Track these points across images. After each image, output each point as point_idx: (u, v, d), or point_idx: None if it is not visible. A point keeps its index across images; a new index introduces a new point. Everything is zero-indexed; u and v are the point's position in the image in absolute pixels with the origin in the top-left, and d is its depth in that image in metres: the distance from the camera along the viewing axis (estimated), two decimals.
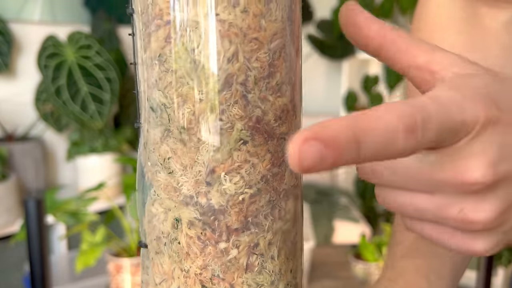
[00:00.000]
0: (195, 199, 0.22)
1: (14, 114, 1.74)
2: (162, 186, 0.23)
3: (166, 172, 0.22)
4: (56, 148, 1.88)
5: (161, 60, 0.22)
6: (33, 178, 1.68)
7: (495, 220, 0.22)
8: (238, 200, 0.22)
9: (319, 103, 2.55)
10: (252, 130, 0.22)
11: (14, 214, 1.54)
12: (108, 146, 1.76)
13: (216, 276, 0.22)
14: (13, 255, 1.59)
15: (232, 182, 0.22)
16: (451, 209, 0.22)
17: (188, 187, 0.22)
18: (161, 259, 0.23)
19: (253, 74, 0.21)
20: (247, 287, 0.22)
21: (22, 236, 0.94)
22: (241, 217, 0.22)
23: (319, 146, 0.17)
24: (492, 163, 0.21)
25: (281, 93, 0.22)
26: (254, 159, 0.22)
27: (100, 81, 1.69)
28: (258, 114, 0.22)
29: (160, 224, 0.23)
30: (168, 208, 0.22)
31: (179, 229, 0.22)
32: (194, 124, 0.21)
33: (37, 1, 1.78)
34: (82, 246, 1.06)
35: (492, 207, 0.21)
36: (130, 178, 1.19)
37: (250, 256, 0.22)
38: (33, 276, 0.73)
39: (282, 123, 0.23)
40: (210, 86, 0.21)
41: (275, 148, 0.22)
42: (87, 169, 1.76)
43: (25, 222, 0.71)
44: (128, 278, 1.10)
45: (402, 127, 0.18)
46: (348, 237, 1.73)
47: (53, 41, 1.64)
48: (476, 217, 0.22)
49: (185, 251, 0.22)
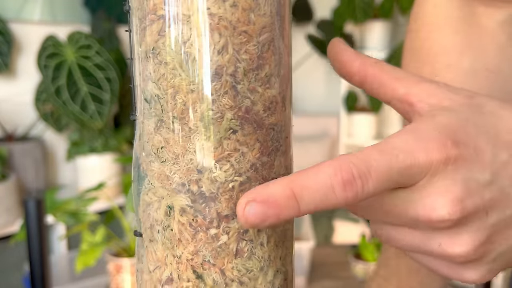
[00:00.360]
0: (187, 186, 0.23)
1: (14, 114, 1.74)
2: (156, 175, 0.23)
3: (159, 161, 0.23)
4: (56, 148, 1.88)
5: (154, 53, 0.22)
6: (33, 178, 1.68)
7: (475, 252, 0.22)
8: (228, 187, 0.22)
9: (319, 103, 2.55)
10: (242, 120, 0.22)
11: (14, 214, 1.54)
12: (108, 146, 1.76)
13: (207, 262, 0.23)
14: (13, 255, 1.59)
15: (222, 170, 0.22)
16: (431, 244, 0.23)
17: (180, 175, 0.23)
18: (154, 247, 0.24)
19: (242, 65, 0.22)
20: (237, 272, 0.23)
21: (22, 236, 0.94)
22: (231, 204, 0.23)
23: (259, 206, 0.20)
24: (458, 200, 0.21)
25: (270, 84, 0.23)
26: (243, 148, 0.23)
27: (100, 81, 1.69)
28: (247, 104, 0.22)
29: (154, 212, 0.24)
30: (162, 196, 0.23)
31: (172, 216, 0.23)
32: (186, 114, 0.22)
33: (37, 1, 1.78)
34: (82, 246, 1.06)
35: (468, 241, 0.22)
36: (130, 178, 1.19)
37: (240, 242, 0.23)
38: (33, 276, 0.73)
39: (271, 114, 0.23)
40: (201, 77, 0.22)
41: (264, 138, 0.23)
42: (87, 169, 1.76)
43: (25, 222, 0.71)
44: (128, 278, 1.10)
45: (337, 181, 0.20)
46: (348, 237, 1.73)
47: (53, 41, 1.65)
48: (454, 251, 0.22)
49: (177, 238, 0.23)
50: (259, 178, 0.23)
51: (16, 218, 1.54)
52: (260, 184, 0.23)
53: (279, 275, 0.25)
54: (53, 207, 1.06)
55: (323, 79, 2.58)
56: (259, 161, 0.23)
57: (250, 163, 0.23)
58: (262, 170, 0.23)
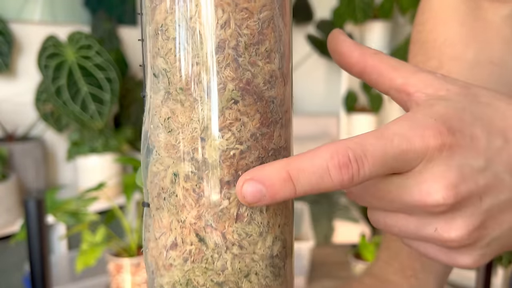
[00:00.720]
0: (191, 154, 0.24)
1: (14, 114, 1.74)
2: (163, 145, 0.25)
3: (166, 132, 0.24)
4: (56, 148, 1.89)
5: (163, 30, 0.24)
6: (33, 178, 1.68)
7: (469, 236, 0.23)
8: (230, 155, 0.24)
9: (319, 103, 2.55)
10: (243, 91, 0.24)
11: (14, 214, 1.54)
12: (108, 146, 1.76)
13: (209, 225, 0.24)
14: (13, 255, 1.59)
15: (224, 138, 0.24)
16: (427, 229, 0.24)
17: (185, 144, 0.24)
18: (160, 214, 0.25)
19: (244, 40, 0.23)
20: (237, 236, 0.24)
21: (22, 236, 0.94)
22: (232, 171, 0.24)
23: (256, 185, 0.21)
24: (452, 185, 0.22)
25: (270, 59, 0.25)
26: (244, 118, 0.24)
27: (100, 81, 1.69)
28: (248, 76, 0.24)
29: (161, 181, 0.25)
30: (168, 165, 0.25)
31: (177, 183, 0.24)
32: (191, 85, 0.24)
33: (38, 1, 1.78)
34: (82, 246, 1.06)
35: (463, 225, 0.23)
36: (130, 178, 1.19)
37: (240, 207, 0.24)
38: (33, 276, 0.73)
39: (270, 87, 0.25)
40: (205, 50, 0.23)
41: (264, 109, 0.24)
42: (87, 169, 1.76)
43: (25, 222, 0.72)
44: (128, 278, 1.10)
45: (333, 164, 0.21)
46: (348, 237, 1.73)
47: (53, 41, 1.65)
48: (449, 235, 0.23)
49: (181, 203, 0.24)
50: (259, 148, 0.24)
51: (16, 218, 1.54)
52: (259, 153, 0.25)
53: (278, 242, 0.26)
54: (54, 207, 1.06)
55: (323, 79, 2.58)
56: (259, 131, 0.24)
57: (250, 132, 0.24)
58: (262, 140, 0.25)
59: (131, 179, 1.18)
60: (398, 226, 0.24)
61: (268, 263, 0.25)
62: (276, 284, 0.26)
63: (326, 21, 2.33)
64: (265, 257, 0.25)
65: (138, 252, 1.15)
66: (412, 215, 0.24)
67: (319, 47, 2.29)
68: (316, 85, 2.57)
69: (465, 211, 0.23)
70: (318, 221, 1.85)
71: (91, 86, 1.68)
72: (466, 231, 0.23)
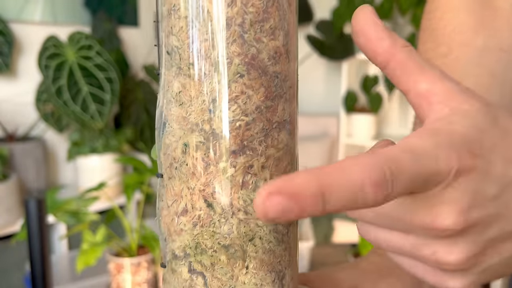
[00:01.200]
0: (200, 126, 0.26)
1: (15, 114, 1.74)
2: (175, 118, 0.27)
3: (178, 105, 0.26)
4: (57, 148, 1.89)
5: (175, 10, 0.26)
6: (34, 178, 1.68)
7: (467, 262, 0.23)
8: (236, 126, 0.25)
9: (319, 104, 2.55)
10: (248, 66, 0.25)
11: (15, 214, 1.54)
12: (109, 146, 1.76)
13: (216, 192, 0.26)
14: (14, 254, 1.59)
15: (231, 110, 0.25)
16: (425, 250, 0.23)
17: (194, 116, 0.26)
18: (172, 183, 0.27)
19: (249, 17, 0.25)
20: (242, 202, 0.26)
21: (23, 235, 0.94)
22: (238, 141, 0.25)
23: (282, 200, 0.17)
24: (464, 211, 0.21)
25: (274, 36, 0.26)
26: (249, 91, 0.25)
27: (100, 81, 1.70)
28: (253, 52, 0.25)
29: (173, 152, 0.27)
30: (179, 136, 0.26)
31: (187, 153, 0.26)
32: (200, 60, 0.25)
33: (38, 2, 1.79)
34: (82, 245, 1.06)
35: (464, 250, 0.22)
36: (131, 178, 1.20)
37: (245, 175, 0.26)
38: (34, 276, 0.73)
39: (275, 63, 0.26)
40: (213, 27, 0.25)
41: (268, 83, 0.26)
42: (88, 169, 1.76)
43: (26, 221, 0.72)
44: (129, 277, 1.10)
45: (369, 182, 0.18)
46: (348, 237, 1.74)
47: (53, 41, 1.65)
48: (448, 259, 0.22)
49: (191, 172, 0.26)
50: (264, 120, 0.26)
51: (17, 218, 1.55)
52: (264, 125, 0.26)
53: None
54: (54, 207, 1.06)
55: (322, 79, 2.59)
56: (263, 104, 0.26)
57: (255, 105, 0.26)
58: (266, 112, 0.26)
59: (132, 179, 1.18)
60: (392, 243, 0.24)
61: (271, 228, 0.27)
62: (280, 249, 0.27)
63: (325, 22, 2.33)
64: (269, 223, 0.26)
65: (138, 251, 1.15)
66: (409, 234, 0.23)
67: (319, 47, 2.29)
68: (316, 85, 2.57)
69: (467, 237, 0.22)
70: (318, 221, 1.85)
71: (92, 86, 1.68)
72: (465, 256, 0.22)
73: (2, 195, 1.47)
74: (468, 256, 0.22)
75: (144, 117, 1.98)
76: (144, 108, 1.99)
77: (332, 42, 2.30)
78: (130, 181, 1.18)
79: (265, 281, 0.27)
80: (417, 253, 0.23)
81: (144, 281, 1.12)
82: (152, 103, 2.00)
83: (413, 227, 0.22)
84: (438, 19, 0.42)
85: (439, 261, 0.23)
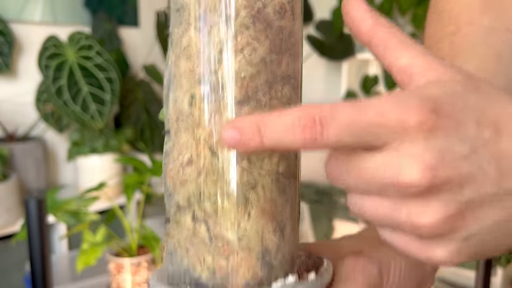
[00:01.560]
0: (207, 77, 0.27)
1: (15, 114, 1.74)
2: (182, 71, 0.27)
3: (186, 58, 0.27)
4: (57, 148, 1.89)
5: None
6: (34, 178, 1.69)
7: (443, 224, 0.22)
8: (241, 76, 0.26)
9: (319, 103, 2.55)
10: (254, 18, 0.26)
11: (15, 214, 1.54)
12: (109, 146, 1.77)
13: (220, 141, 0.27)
14: (14, 254, 1.59)
15: (237, 60, 0.26)
16: (400, 213, 0.22)
17: (201, 67, 0.27)
18: (179, 136, 0.28)
19: None
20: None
21: (23, 235, 0.94)
22: (243, 91, 0.26)
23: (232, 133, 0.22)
24: (430, 167, 0.21)
25: None
26: (255, 43, 0.26)
27: (100, 81, 1.70)
28: (259, 6, 0.27)
29: (180, 105, 0.28)
30: (186, 89, 0.27)
31: (193, 104, 0.27)
32: (207, 13, 0.26)
33: (38, 2, 1.79)
34: (82, 245, 1.06)
35: (438, 210, 0.22)
36: (131, 178, 1.20)
37: None
38: (34, 276, 0.73)
39: (280, 17, 0.27)
40: None
41: (273, 37, 0.27)
42: (88, 169, 1.76)
43: (26, 221, 0.72)
44: (129, 277, 1.10)
45: (298, 123, 0.21)
46: None
47: (54, 41, 1.65)
48: (421, 220, 0.22)
49: (197, 122, 0.27)
50: (268, 72, 0.27)
51: (17, 218, 1.55)
52: (268, 77, 0.27)
53: (283, 161, 0.28)
54: (54, 207, 1.06)
55: (322, 79, 2.59)
56: (268, 57, 0.27)
57: (260, 57, 0.26)
58: (271, 65, 0.27)
59: (132, 179, 1.19)
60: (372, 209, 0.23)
61: (274, 178, 0.27)
62: (281, 200, 0.28)
63: (325, 22, 2.33)
64: (271, 173, 0.27)
65: (138, 251, 1.15)
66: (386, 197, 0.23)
67: (319, 47, 2.29)
68: (315, 85, 2.57)
69: (442, 196, 0.22)
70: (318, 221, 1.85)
71: (92, 86, 1.68)
72: (441, 217, 0.22)
73: (2, 195, 1.47)
74: (445, 217, 0.22)
75: (144, 117, 1.99)
76: (144, 108, 1.99)
77: (332, 42, 2.30)
78: (130, 181, 1.18)
79: (267, 229, 0.27)
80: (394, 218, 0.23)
81: (144, 281, 1.12)
82: (152, 103, 2.00)
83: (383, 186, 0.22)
84: (445, 2, 0.43)
85: (414, 223, 0.22)
